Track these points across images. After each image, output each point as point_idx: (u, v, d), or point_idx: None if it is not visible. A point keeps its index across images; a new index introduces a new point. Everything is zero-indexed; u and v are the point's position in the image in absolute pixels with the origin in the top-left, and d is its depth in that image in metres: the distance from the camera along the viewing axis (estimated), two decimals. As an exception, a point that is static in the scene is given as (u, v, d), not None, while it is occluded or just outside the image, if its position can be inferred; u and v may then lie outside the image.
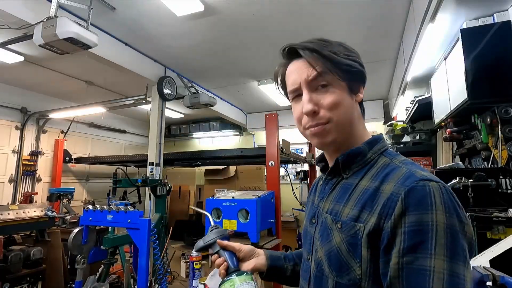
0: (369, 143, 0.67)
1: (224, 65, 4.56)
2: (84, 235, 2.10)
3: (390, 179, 0.57)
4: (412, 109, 3.36)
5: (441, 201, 0.50)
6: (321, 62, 0.64)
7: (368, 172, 0.63)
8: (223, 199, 2.66)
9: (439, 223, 0.49)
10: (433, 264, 0.47)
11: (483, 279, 1.05)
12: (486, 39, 1.95)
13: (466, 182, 1.65)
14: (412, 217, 0.50)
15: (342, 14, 3.16)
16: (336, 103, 0.63)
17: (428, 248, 0.48)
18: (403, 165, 0.60)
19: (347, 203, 0.62)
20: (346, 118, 0.65)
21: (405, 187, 0.53)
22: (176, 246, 5.74)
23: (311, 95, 0.64)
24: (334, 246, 0.60)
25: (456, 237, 0.49)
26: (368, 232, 0.55)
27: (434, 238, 0.48)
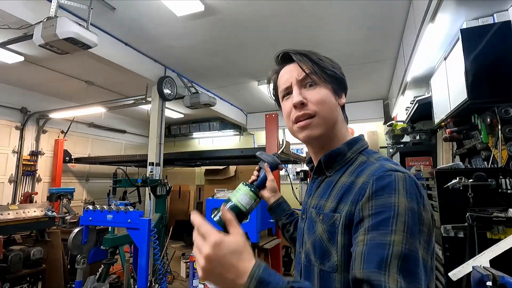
0: (348, 144, 0.73)
1: (224, 65, 4.56)
2: (84, 235, 2.10)
3: (364, 173, 0.64)
4: (412, 109, 3.35)
5: (403, 187, 0.56)
6: (309, 65, 0.72)
7: (347, 170, 0.70)
8: (223, 199, 2.66)
9: (400, 204, 0.54)
10: (393, 239, 0.52)
11: (483, 279, 1.05)
12: (486, 39, 1.94)
13: (466, 182, 1.65)
14: (377, 200, 0.56)
15: (342, 14, 3.16)
16: (322, 100, 0.71)
17: (389, 225, 0.53)
18: (377, 161, 0.66)
19: (329, 198, 0.69)
20: (331, 115, 0.72)
21: (374, 176, 0.60)
22: (176, 246, 5.74)
23: (301, 90, 0.72)
24: (317, 236, 0.67)
25: (415, 219, 0.54)
26: (343, 220, 0.62)
27: (396, 217, 0.53)
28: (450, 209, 1.73)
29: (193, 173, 8.39)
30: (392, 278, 0.49)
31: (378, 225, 0.54)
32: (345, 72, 0.82)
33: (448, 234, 1.69)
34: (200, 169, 7.98)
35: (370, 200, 0.57)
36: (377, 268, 0.50)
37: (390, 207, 0.54)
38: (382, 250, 0.51)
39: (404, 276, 0.49)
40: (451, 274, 1.34)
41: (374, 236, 0.54)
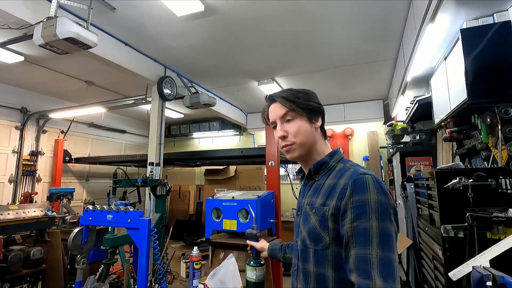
0: (330, 155, 0.97)
1: (224, 65, 4.56)
2: (84, 235, 2.10)
3: (343, 176, 0.87)
4: (412, 109, 3.36)
5: (373, 186, 0.80)
6: (287, 104, 0.96)
7: (331, 174, 0.93)
8: (223, 199, 2.66)
9: (371, 199, 0.78)
10: (371, 225, 0.76)
11: (483, 279, 1.05)
12: (486, 39, 1.94)
13: (466, 182, 1.65)
14: (355, 197, 0.80)
15: (342, 14, 3.16)
16: (298, 131, 0.95)
17: (367, 214, 0.77)
18: (351, 166, 0.90)
19: (318, 196, 0.92)
20: (306, 140, 0.95)
21: (351, 179, 0.83)
22: (176, 246, 5.74)
23: (282, 125, 0.97)
24: (311, 225, 0.90)
25: (383, 207, 0.78)
26: (331, 211, 0.85)
27: (369, 208, 0.77)
28: (450, 209, 1.74)
29: (193, 173, 8.39)
30: (374, 251, 0.74)
31: (359, 215, 0.78)
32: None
33: (448, 234, 1.69)
34: (200, 169, 7.98)
35: (351, 197, 0.81)
36: (363, 245, 0.75)
37: (365, 201, 0.78)
38: (365, 233, 0.76)
39: (382, 248, 0.74)
40: (451, 274, 1.35)
41: (358, 224, 0.78)
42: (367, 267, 0.73)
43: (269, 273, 2.57)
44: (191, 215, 7.38)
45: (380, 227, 0.76)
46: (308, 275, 0.90)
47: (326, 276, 0.85)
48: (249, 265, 1.23)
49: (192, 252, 1.81)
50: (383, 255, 0.73)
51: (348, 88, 5.63)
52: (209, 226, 2.66)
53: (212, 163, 6.56)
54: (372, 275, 0.72)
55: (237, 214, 2.53)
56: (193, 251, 1.81)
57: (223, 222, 2.58)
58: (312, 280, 0.88)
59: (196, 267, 1.77)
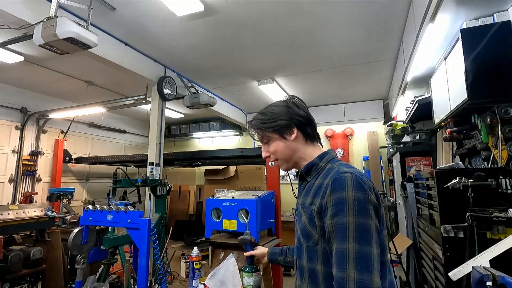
0: (319, 157, 1.03)
1: (224, 65, 4.56)
2: (84, 235, 2.10)
3: (328, 176, 0.92)
4: (412, 109, 3.36)
5: (351, 184, 0.84)
6: (258, 131, 1.09)
7: (320, 175, 0.98)
8: (223, 199, 2.66)
9: (349, 197, 0.83)
10: (347, 220, 0.81)
11: (483, 279, 1.05)
12: (486, 39, 1.94)
13: (466, 182, 1.65)
14: (334, 195, 0.85)
15: (342, 14, 3.16)
16: (275, 150, 1.05)
17: (344, 211, 0.82)
18: (337, 166, 0.94)
19: (308, 196, 0.97)
20: (286, 155, 1.04)
21: (332, 178, 0.89)
22: (176, 246, 5.74)
23: (264, 147, 1.09)
24: (302, 223, 0.96)
25: (361, 203, 0.82)
26: (317, 209, 0.90)
27: (347, 205, 0.82)
28: (450, 209, 1.74)
29: (193, 173, 8.39)
30: (350, 245, 0.78)
31: (337, 212, 0.83)
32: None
33: (448, 234, 1.69)
34: (200, 169, 7.98)
35: (330, 195, 0.86)
36: (341, 240, 0.80)
37: (343, 199, 0.83)
38: (344, 228, 0.81)
39: (358, 243, 0.78)
40: (451, 274, 1.35)
41: (337, 220, 0.83)
42: (343, 261, 0.78)
43: (269, 273, 2.57)
44: (191, 215, 7.38)
45: (357, 222, 0.80)
46: (303, 271, 0.95)
47: (317, 270, 0.90)
48: (245, 272, 1.22)
49: (192, 252, 1.81)
50: (359, 249, 0.77)
51: (348, 88, 5.63)
52: (209, 226, 2.67)
53: (212, 163, 6.56)
54: (347, 268, 0.76)
55: (237, 214, 2.53)
56: (193, 251, 1.81)
57: (223, 222, 2.58)
58: (306, 275, 0.93)
59: (196, 267, 1.77)
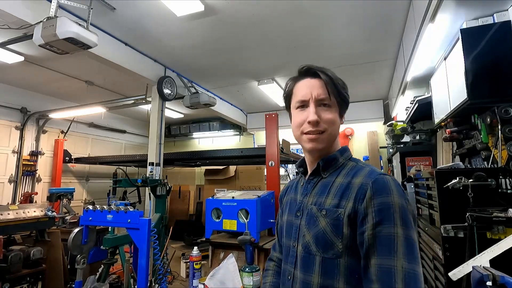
0: (340, 152, 0.89)
1: (224, 65, 4.56)
2: (84, 235, 2.10)
3: (358, 175, 0.79)
4: (412, 109, 3.35)
5: (395, 188, 0.73)
6: (331, 87, 0.84)
7: (341, 172, 0.85)
8: (223, 199, 2.66)
9: (395, 203, 0.70)
10: (395, 231, 0.68)
11: (483, 279, 1.05)
12: (486, 39, 1.94)
13: (466, 182, 1.65)
14: (377, 200, 0.72)
15: (342, 14, 3.16)
16: (333, 120, 0.84)
17: (392, 220, 0.69)
18: (366, 166, 0.83)
19: (328, 195, 0.81)
20: (335, 133, 0.87)
21: (371, 179, 0.75)
22: (176, 246, 5.74)
23: (317, 109, 0.83)
24: (321, 229, 0.78)
25: (406, 212, 0.70)
26: (347, 214, 0.75)
27: (394, 213, 0.69)
28: (450, 209, 1.73)
29: (193, 173, 8.39)
30: (399, 262, 0.66)
31: (382, 220, 0.69)
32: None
33: (448, 234, 1.69)
34: (200, 169, 7.98)
35: (372, 199, 0.72)
36: (387, 255, 0.67)
37: (389, 204, 0.70)
38: (389, 240, 0.68)
39: (408, 260, 0.66)
40: (451, 274, 1.35)
41: (381, 229, 0.69)
42: (391, 281, 0.65)
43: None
44: (191, 215, 7.38)
45: (405, 234, 0.67)
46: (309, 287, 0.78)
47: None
48: (245, 272, 1.22)
49: (192, 252, 1.81)
50: (409, 267, 0.65)
51: (348, 88, 5.60)
52: (209, 226, 2.67)
53: (212, 163, 6.56)
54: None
55: (237, 214, 2.53)
56: (193, 251, 1.81)
57: (223, 222, 2.58)
58: None
59: (196, 267, 1.77)
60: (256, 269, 1.22)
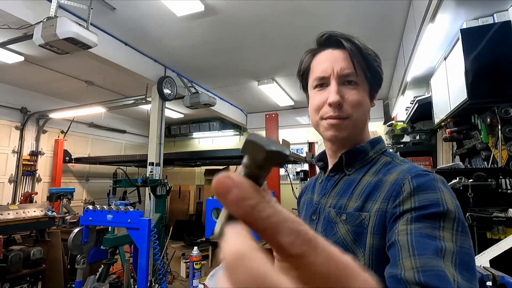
0: (371, 143, 0.70)
1: (224, 65, 4.56)
2: (84, 235, 2.10)
3: (392, 172, 0.60)
4: (412, 109, 3.36)
5: (444, 186, 0.54)
6: (359, 59, 0.65)
7: (371, 169, 0.66)
8: (223, 199, 2.65)
9: (447, 201, 0.50)
10: (443, 235, 0.46)
11: (483, 279, 1.05)
12: (486, 39, 1.94)
13: (466, 182, 1.65)
14: (421, 195, 0.52)
15: (342, 14, 3.16)
16: (359, 102, 0.65)
17: (438, 220, 0.48)
18: (404, 163, 0.63)
19: (351, 197, 0.63)
20: (363, 118, 0.68)
21: (410, 173, 0.56)
22: (176, 246, 5.74)
23: (340, 88, 0.65)
24: (339, 238, 0.61)
25: (461, 215, 0.50)
26: (374, 219, 0.56)
27: (445, 213, 0.48)
28: (450, 209, 1.73)
29: (193, 173, 8.39)
30: (449, 271, 0.41)
31: (425, 218, 0.48)
32: None
33: (448, 234, 1.69)
34: (200, 169, 7.98)
35: (413, 195, 0.52)
36: (434, 255, 0.43)
37: (438, 202, 0.50)
38: (433, 241, 0.45)
39: (460, 272, 0.42)
40: (451, 274, 1.34)
41: (420, 226, 0.48)
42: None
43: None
44: (191, 215, 7.38)
45: (457, 242, 0.46)
46: None
47: None
48: None
49: (192, 252, 1.81)
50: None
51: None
52: (209, 226, 2.67)
53: (212, 163, 6.56)
54: None
55: (237, 214, 2.53)
56: (193, 251, 1.81)
57: (223, 222, 2.58)
58: None
59: (196, 267, 1.77)
60: None
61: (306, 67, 0.73)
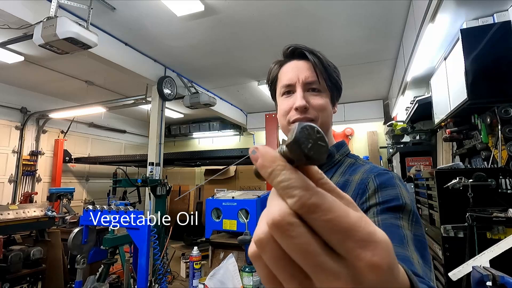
0: (336, 146, 0.77)
1: (224, 65, 4.56)
2: (84, 235, 2.11)
3: (357, 172, 0.68)
4: (412, 109, 3.36)
5: (401, 182, 0.62)
6: (320, 69, 0.73)
7: (338, 171, 0.73)
8: (223, 199, 2.66)
9: (405, 196, 0.59)
10: (403, 224, 0.54)
11: (483, 279, 1.05)
12: (486, 39, 1.94)
13: (466, 182, 1.65)
14: (384, 192, 0.59)
15: (342, 14, 3.16)
16: (323, 107, 0.72)
17: (399, 211, 0.55)
18: (366, 163, 0.72)
19: None
20: (327, 122, 0.74)
21: (373, 173, 0.64)
22: (176, 246, 5.74)
23: (305, 94, 0.72)
24: None
25: (414, 206, 0.58)
26: None
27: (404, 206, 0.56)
28: (450, 209, 1.73)
29: (193, 173, 8.39)
30: (414, 255, 0.48)
31: (388, 210, 0.56)
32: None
33: (448, 234, 1.69)
34: (200, 169, 7.98)
35: (377, 192, 0.60)
36: (399, 243, 0.49)
37: (398, 197, 0.57)
38: (397, 230, 0.52)
39: (421, 256, 0.49)
40: (451, 274, 1.35)
41: (386, 217, 0.54)
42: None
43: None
44: (191, 215, 7.38)
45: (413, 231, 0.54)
46: None
47: None
48: (245, 272, 1.20)
49: (192, 252, 1.81)
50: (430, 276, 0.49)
51: (348, 88, 5.62)
52: (209, 226, 2.67)
53: (212, 163, 6.56)
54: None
55: (237, 214, 2.53)
56: (193, 251, 1.81)
57: (223, 222, 2.58)
58: None
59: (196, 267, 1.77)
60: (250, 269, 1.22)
61: (274, 76, 0.80)
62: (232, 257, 1.47)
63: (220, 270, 1.41)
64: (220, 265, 1.44)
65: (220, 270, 1.41)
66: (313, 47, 0.76)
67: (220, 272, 1.40)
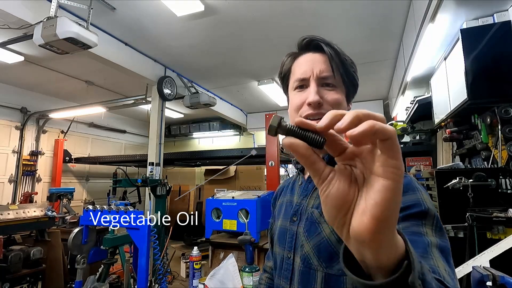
0: None
1: (224, 65, 4.56)
2: (84, 235, 2.10)
3: None
4: (412, 109, 3.36)
5: (420, 186, 0.59)
6: (337, 63, 0.69)
7: None
8: (223, 199, 2.66)
9: (426, 201, 0.55)
10: (426, 231, 0.50)
11: (483, 279, 1.05)
12: (486, 39, 1.94)
13: (466, 182, 1.65)
14: (404, 198, 0.54)
15: (343, 14, 3.16)
16: (338, 102, 0.68)
17: (421, 218, 0.52)
18: None
19: None
20: None
21: None
22: (176, 246, 5.74)
23: (319, 89, 0.67)
24: (323, 238, 0.62)
25: (436, 211, 0.55)
26: None
27: (427, 211, 0.53)
28: (450, 209, 1.74)
29: (193, 173, 8.39)
30: (440, 263, 0.45)
31: (410, 217, 0.52)
32: None
33: (448, 234, 1.69)
34: (200, 169, 7.98)
35: None
36: (423, 253, 0.46)
37: (419, 202, 0.54)
38: (421, 238, 0.49)
39: (447, 263, 0.47)
40: (451, 274, 1.34)
41: (407, 225, 0.51)
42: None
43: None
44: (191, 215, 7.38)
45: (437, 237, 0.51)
46: None
47: None
48: (245, 272, 1.19)
49: (192, 252, 1.81)
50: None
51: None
52: (209, 226, 2.67)
53: (212, 163, 6.56)
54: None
55: (237, 214, 2.53)
56: (193, 251, 1.81)
57: (223, 222, 2.58)
58: None
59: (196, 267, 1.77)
60: (256, 269, 1.22)
61: (287, 69, 0.76)
62: (232, 257, 1.46)
63: (220, 270, 1.41)
64: (220, 265, 1.44)
65: (220, 270, 1.41)
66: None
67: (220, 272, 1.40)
